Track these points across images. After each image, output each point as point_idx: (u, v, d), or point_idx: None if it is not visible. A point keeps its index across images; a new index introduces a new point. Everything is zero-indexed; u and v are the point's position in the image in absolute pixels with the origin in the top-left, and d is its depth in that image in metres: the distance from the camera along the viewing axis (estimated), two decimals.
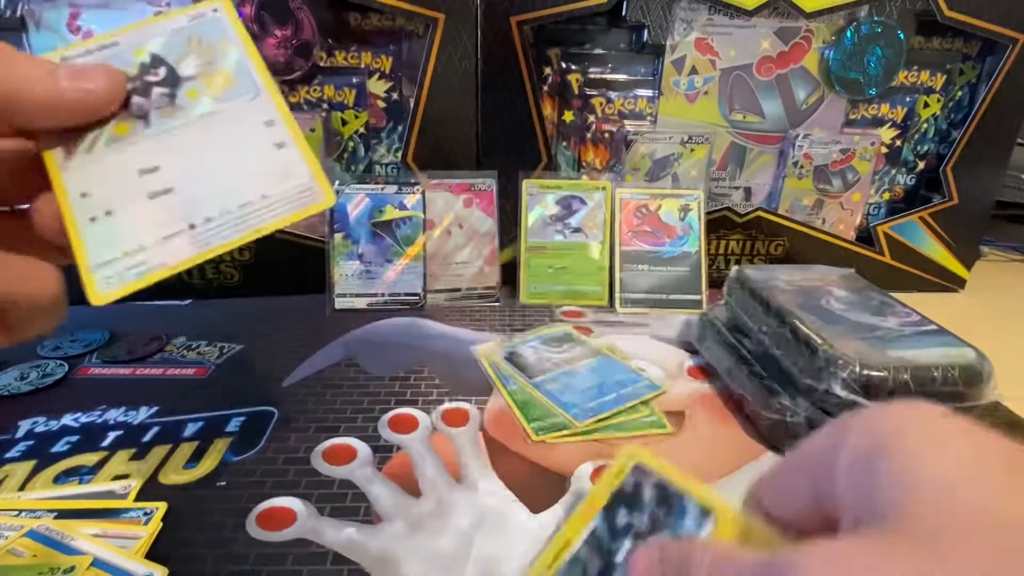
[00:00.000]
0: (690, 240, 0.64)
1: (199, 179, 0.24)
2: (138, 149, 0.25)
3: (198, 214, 0.24)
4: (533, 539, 0.33)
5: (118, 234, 0.24)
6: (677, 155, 0.65)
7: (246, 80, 0.26)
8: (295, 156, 0.25)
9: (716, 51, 0.63)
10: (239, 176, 0.25)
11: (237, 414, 0.43)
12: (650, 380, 0.47)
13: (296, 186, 0.25)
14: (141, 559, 0.31)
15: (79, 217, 0.24)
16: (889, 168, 0.71)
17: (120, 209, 0.24)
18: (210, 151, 0.25)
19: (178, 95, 0.25)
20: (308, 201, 0.25)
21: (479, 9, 0.58)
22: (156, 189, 0.24)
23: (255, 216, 0.24)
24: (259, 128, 0.25)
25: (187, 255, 0.24)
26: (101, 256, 0.24)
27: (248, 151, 0.25)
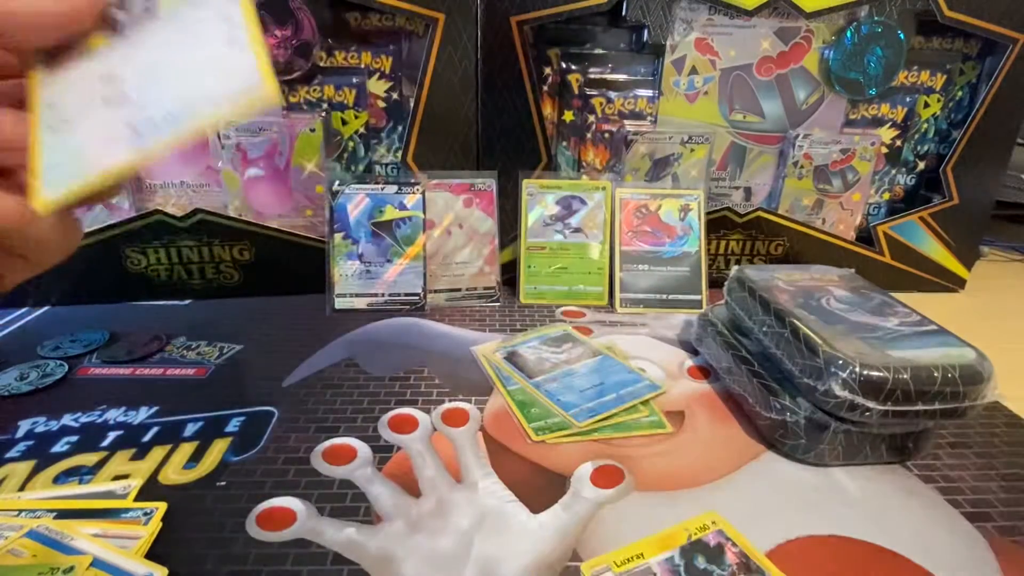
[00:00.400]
0: (690, 240, 0.64)
1: (151, 82, 0.24)
2: (106, 59, 0.24)
3: (142, 116, 0.24)
4: (533, 539, 0.33)
5: (70, 142, 0.24)
6: (677, 155, 0.65)
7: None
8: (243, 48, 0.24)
9: (716, 51, 0.63)
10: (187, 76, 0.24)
11: (237, 414, 0.43)
12: (650, 380, 0.47)
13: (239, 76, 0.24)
14: (141, 559, 0.31)
15: (42, 127, 0.24)
16: (889, 168, 0.71)
17: (78, 118, 0.24)
18: (166, 52, 0.24)
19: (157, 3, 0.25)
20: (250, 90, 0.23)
21: (479, 9, 0.58)
22: (111, 95, 0.24)
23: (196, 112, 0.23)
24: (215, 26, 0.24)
25: (125, 158, 0.23)
26: (50, 163, 0.24)
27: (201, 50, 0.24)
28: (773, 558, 0.32)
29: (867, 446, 0.39)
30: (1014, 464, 0.40)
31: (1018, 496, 0.37)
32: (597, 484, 0.37)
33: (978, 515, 0.36)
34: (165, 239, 0.60)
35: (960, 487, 0.38)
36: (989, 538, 0.34)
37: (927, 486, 0.38)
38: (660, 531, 0.33)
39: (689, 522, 0.34)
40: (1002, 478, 0.39)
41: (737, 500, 0.36)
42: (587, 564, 0.31)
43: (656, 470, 0.38)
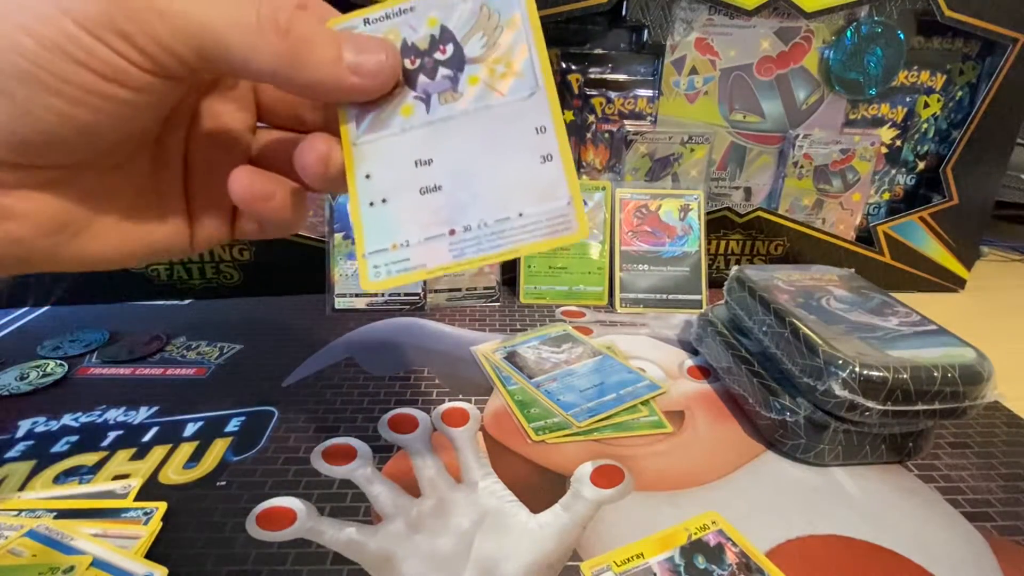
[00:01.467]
0: (690, 240, 0.64)
1: (465, 181, 0.23)
2: (417, 137, 0.24)
3: (459, 220, 0.23)
4: (533, 539, 0.33)
5: (390, 224, 0.24)
6: (677, 155, 0.65)
7: (528, 72, 0.23)
8: (559, 173, 0.23)
9: (716, 51, 0.63)
10: (502, 185, 0.23)
11: (237, 414, 0.43)
12: (650, 380, 0.47)
13: (554, 209, 0.23)
14: (141, 559, 0.31)
15: (361, 199, 0.24)
16: (889, 168, 0.71)
17: (394, 199, 0.24)
18: (479, 151, 0.23)
19: (460, 80, 0.24)
20: (562, 229, 0.23)
21: None
22: (427, 184, 0.24)
23: (510, 235, 0.23)
24: (529, 134, 0.23)
25: (444, 261, 0.23)
26: (374, 244, 0.24)
27: (515, 158, 0.23)
28: (773, 558, 0.32)
29: (867, 446, 0.39)
30: (1014, 464, 0.40)
31: (1018, 496, 0.37)
32: (597, 484, 0.37)
33: (978, 515, 0.36)
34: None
35: (960, 487, 0.38)
36: (989, 538, 0.34)
37: (927, 486, 0.38)
38: (660, 531, 0.33)
39: (689, 522, 0.34)
40: (1002, 478, 0.39)
41: (737, 500, 0.36)
42: (587, 564, 0.31)
43: (656, 470, 0.38)
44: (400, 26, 0.24)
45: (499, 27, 0.23)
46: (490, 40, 0.24)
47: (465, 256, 0.23)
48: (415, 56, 0.24)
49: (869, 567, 0.32)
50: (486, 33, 0.24)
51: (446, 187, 0.23)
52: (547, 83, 0.23)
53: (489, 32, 0.24)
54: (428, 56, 0.24)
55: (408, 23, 0.24)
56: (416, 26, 0.24)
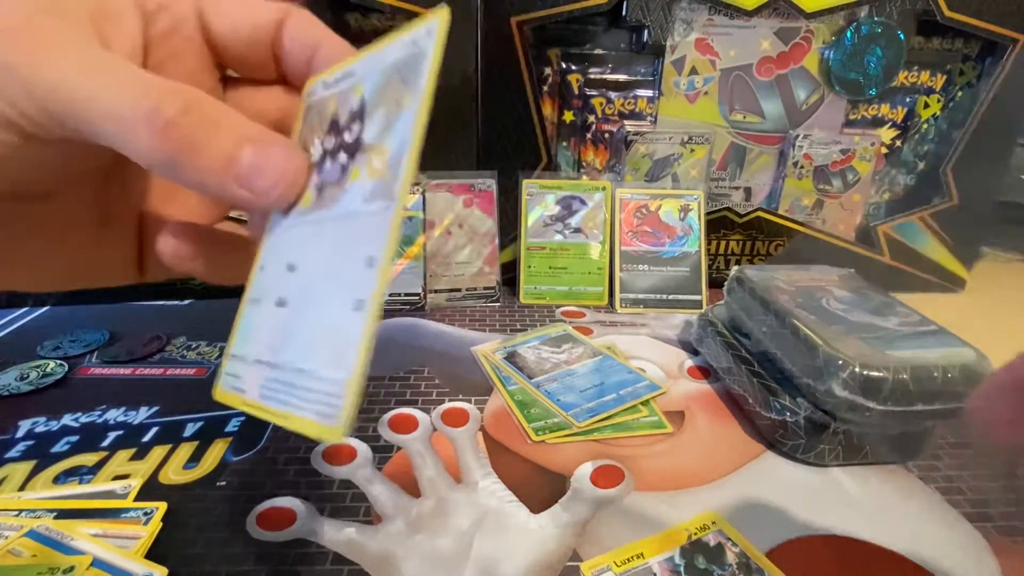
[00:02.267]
0: (690, 240, 0.64)
1: (304, 303, 0.19)
2: (296, 233, 0.20)
3: (280, 352, 0.19)
4: (533, 539, 0.33)
5: (249, 330, 0.21)
6: (677, 155, 0.65)
7: (393, 177, 0.18)
8: (357, 334, 0.17)
9: (716, 51, 0.63)
10: (318, 324, 0.19)
11: (237, 414, 0.43)
12: (650, 380, 0.47)
13: (331, 383, 0.17)
14: (141, 559, 0.31)
15: (248, 292, 0.21)
16: (889, 168, 0.71)
17: (263, 302, 0.21)
18: (320, 273, 0.19)
19: (347, 172, 0.19)
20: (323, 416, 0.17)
21: (479, 9, 0.58)
22: (283, 295, 0.20)
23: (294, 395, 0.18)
24: (359, 263, 0.18)
25: (253, 396, 0.19)
26: (235, 347, 0.21)
27: (338, 291, 0.18)
28: (773, 558, 0.32)
29: (867, 446, 0.39)
30: (1014, 464, 0.40)
31: (1018, 496, 0.37)
32: (597, 484, 0.37)
33: (978, 515, 0.36)
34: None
35: (960, 487, 0.38)
36: (989, 538, 0.34)
37: (927, 486, 0.38)
38: (660, 531, 0.33)
39: (689, 522, 0.34)
40: (1002, 478, 0.39)
41: (737, 500, 0.36)
42: (587, 564, 0.31)
43: (656, 470, 0.38)
44: (339, 95, 0.20)
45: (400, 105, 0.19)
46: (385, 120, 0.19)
47: (265, 399, 0.19)
48: (334, 134, 0.20)
49: (869, 567, 0.32)
50: (387, 111, 0.19)
51: (290, 305, 0.20)
52: (400, 197, 0.17)
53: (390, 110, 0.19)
54: (340, 136, 0.20)
55: (344, 91, 0.20)
56: (348, 96, 0.20)
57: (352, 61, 0.20)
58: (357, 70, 0.20)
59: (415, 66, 0.18)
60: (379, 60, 0.19)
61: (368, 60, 0.20)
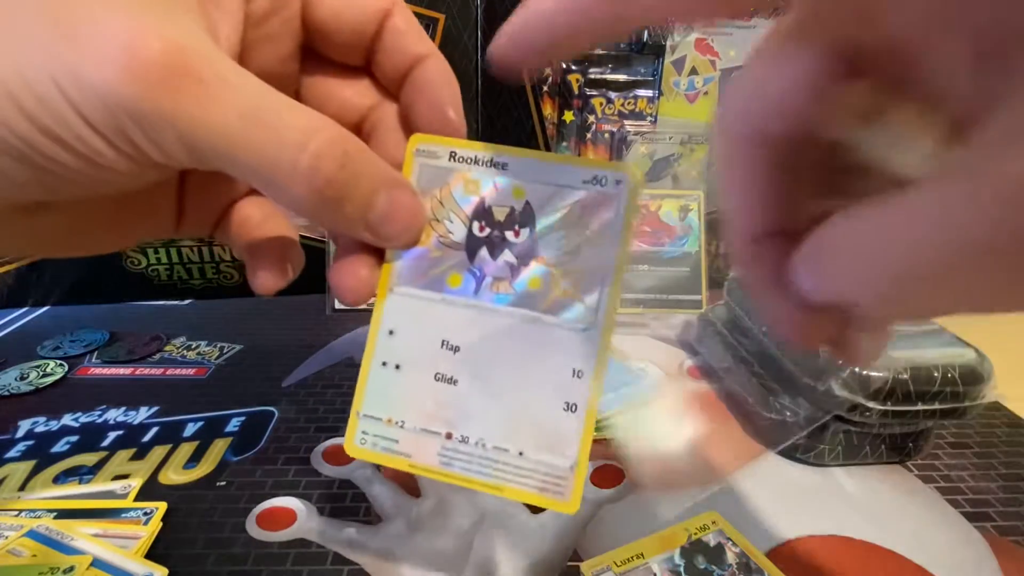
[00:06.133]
0: (690, 240, 0.64)
1: (482, 388, 0.21)
2: (454, 314, 0.21)
3: (461, 427, 0.21)
4: (533, 539, 0.33)
5: (393, 395, 0.21)
6: (677, 155, 0.65)
7: (590, 301, 0.20)
8: (576, 431, 0.20)
9: (716, 51, 0.63)
10: (514, 413, 0.21)
11: (237, 414, 0.43)
12: (650, 380, 0.47)
13: (554, 467, 0.20)
14: (141, 559, 0.31)
15: (377, 353, 0.22)
16: None
17: (408, 370, 0.21)
18: (507, 364, 0.21)
19: (520, 276, 0.21)
20: (552, 493, 0.20)
21: (479, 9, 0.58)
22: (445, 372, 0.21)
23: (501, 469, 0.21)
24: (564, 372, 0.20)
25: (428, 463, 0.21)
26: (371, 408, 0.22)
27: (538, 391, 0.21)
28: (773, 558, 0.32)
29: (867, 446, 0.39)
30: (1014, 464, 0.40)
31: (1018, 496, 0.37)
32: (597, 484, 0.37)
33: (978, 515, 0.36)
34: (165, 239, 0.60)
35: (960, 487, 0.38)
36: (989, 538, 0.34)
37: (927, 486, 0.38)
38: (660, 531, 0.33)
39: (689, 522, 0.34)
40: (1002, 478, 0.39)
41: (737, 500, 0.36)
42: (587, 564, 0.31)
43: (656, 470, 0.38)
44: (483, 181, 0.21)
45: (585, 238, 0.20)
46: (569, 247, 0.20)
47: (451, 468, 0.21)
48: (486, 224, 0.21)
49: (869, 567, 0.32)
50: (568, 237, 0.20)
51: (462, 384, 0.21)
52: (607, 324, 0.20)
53: (572, 237, 0.20)
54: (499, 230, 0.21)
55: (494, 181, 0.21)
56: (500, 189, 0.21)
57: (502, 151, 0.21)
58: (512, 166, 0.21)
59: (603, 206, 0.20)
60: (546, 173, 0.20)
61: (529, 163, 0.21)
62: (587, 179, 0.20)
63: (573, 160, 0.21)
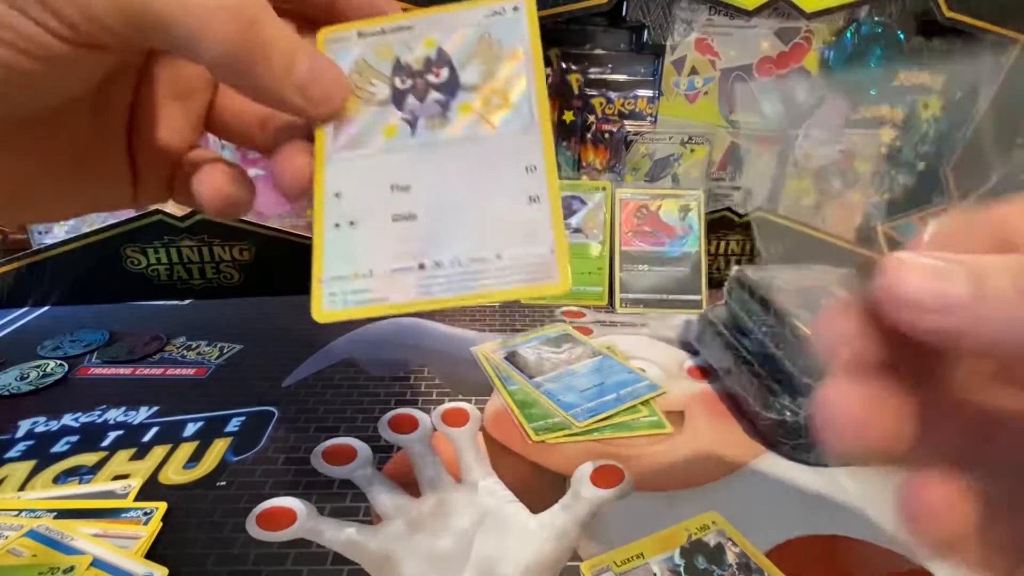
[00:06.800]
0: (690, 240, 0.64)
1: (442, 213, 0.22)
2: (397, 160, 0.22)
3: (431, 254, 0.21)
4: (533, 539, 0.33)
5: (354, 250, 0.22)
6: (677, 155, 0.65)
7: (523, 106, 0.22)
8: (545, 217, 0.21)
9: (716, 51, 0.63)
10: (481, 223, 0.22)
11: (237, 414, 0.43)
12: (650, 380, 0.47)
13: (535, 255, 0.21)
14: (141, 559, 0.31)
15: (327, 219, 0.22)
16: (889, 168, 0.71)
17: (364, 223, 0.22)
18: (461, 184, 0.22)
19: (451, 107, 0.22)
20: (541, 278, 0.21)
21: None
22: (401, 211, 0.22)
23: (484, 277, 0.21)
24: (518, 172, 0.22)
25: (408, 298, 0.21)
26: (334, 270, 0.22)
27: (499, 196, 0.22)
28: (773, 558, 0.32)
29: None
30: None
31: None
32: (597, 484, 0.37)
33: None
34: (165, 239, 0.60)
35: None
36: None
37: None
38: (660, 531, 0.33)
39: (689, 522, 0.34)
40: None
41: (737, 500, 0.36)
42: (587, 564, 0.31)
43: (656, 470, 0.38)
44: (395, 44, 0.23)
45: (499, 58, 0.22)
46: (488, 69, 0.22)
47: (432, 295, 0.21)
48: (406, 76, 0.23)
49: (869, 567, 0.32)
50: (485, 62, 0.22)
51: (421, 217, 0.22)
52: (543, 120, 0.22)
53: (488, 61, 0.22)
54: (420, 77, 0.23)
55: (404, 41, 0.23)
56: (412, 45, 0.23)
57: (400, 18, 0.23)
58: (415, 25, 0.23)
59: (508, 29, 0.23)
60: (446, 20, 0.23)
61: (428, 19, 0.23)
62: (487, 14, 0.23)
63: (470, 3, 0.23)
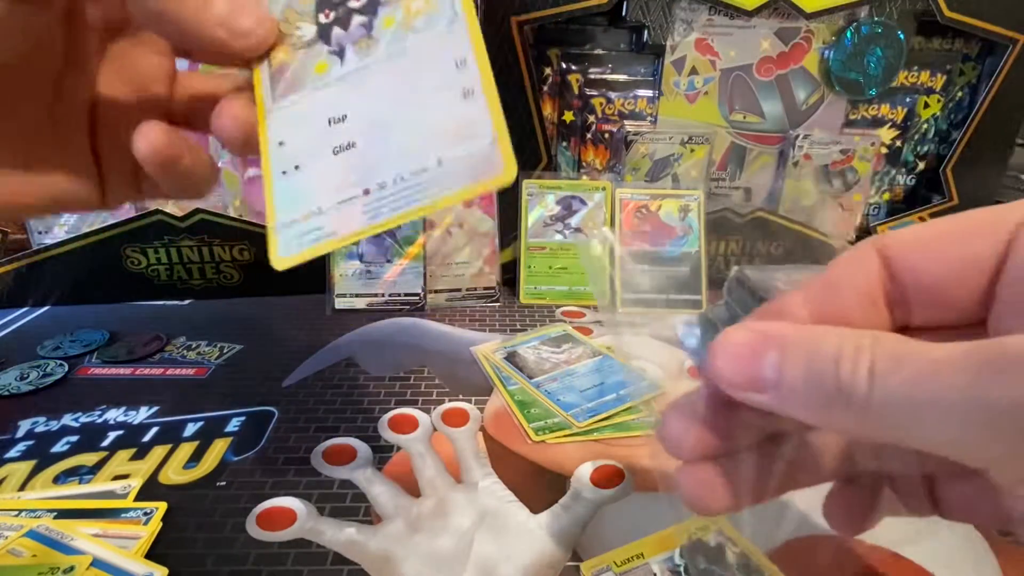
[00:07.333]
0: (690, 240, 0.64)
1: (381, 134, 0.21)
2: (330, 93, 0.22)
3: (374, 177, 0.21)
4: (533, 539, 0.33)
5: (302, 192, 0.22)
6: (677, 155, 0.65)
7: (444, 2, 0.21)
8: (481, 109, 0.20)
9: (716, 51, 0.63)
10: (419, 133, 0.21)
11: (237, 414, 0.43)
12: (650, 380, 0.47)
13: (476, 150, 0.20)
14: (141, 559, 0.31)
15: (274, 168, 0.22)
16: (889, 168, 0.71)
17: (307, 164, 0.22)
18: (395, 98, 0.21)
19: (375, 24, 0.22)
20: (485, 172, 0.20)
21: (479, 9, 0.58)
22: (340, 143, 0.22)
23: (428, 187, 0.20)
24: (448, 69, 0.20)
25: (358, 226, 0.21)
26: (286, 215, 0.22)
27: (432, 100, 0.21)
28: (773, 558, 0.32)
29: None
30: None
31: None
32: (597, 484, 0.37)
33: None
34: (165, 239, 0.60)
35: None
36: (989, 538, 0.34)
37: None
38: (660, 531, 0.33)
39: (689, 522, 0.34)
40: None
41: None
42: (587, 564, 0.31)
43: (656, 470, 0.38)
44: None
45: None
46: None
47: (381, 217, 0.21)
48: (329, 8, 0.22)
49: (869, 567, 0.32)
50: None
51: (360, 143, 0.21)
52: (466, 11, 0.21)
53: None
54: (342, 6, 0.22)
55: None
56: None
57: None
58: None
59: None
60: None
61: None
62: None
63: None
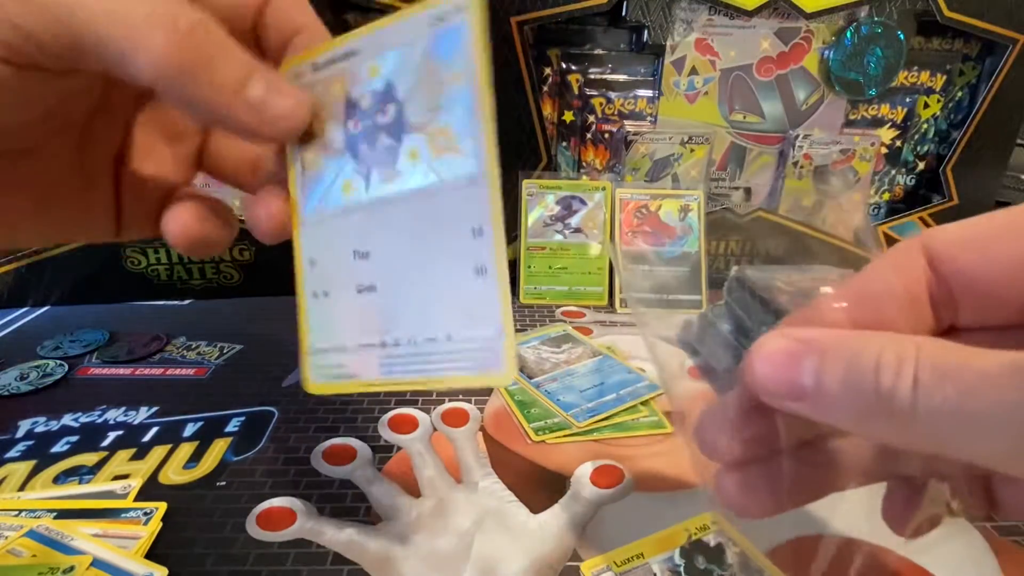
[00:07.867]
0: (690, 240, 0.64)
1: (397, 284, 0.20)
2: (355, 222, 0.20)
3: (390, 332, 0.20)
4: (533, 539, 0.33)
5: (330, 322, 0.21)
6: (677, 155, 0.65)
7: (468, 149, 0.18)
8: (492, 294, 0.19)
9: (716, 51, 0.63)
10: (431, 297, 0.19)
11: (237, 414, 0.43)
12: (650, 380, 0.47)
13: (482, 338, 0.19)
14: (141, 559, 0.31)
15: (307, 288, 0.22)
16: (889, 168, 0.71)
17: (334, 293, 0.21)
18: (411, 248, 0.20)
19: (399, 154, 0.19)
20: (488, 366, 0.19)
21: None
22: (363, 282, 0.21)
23: (436, 360, 0.20)
24: (464, 235, 0.18)
25: (373, 376, 0.21)
26: (317, 341, 0.22)
27: (446, 265, 0.19)
28: (773, 558, 0.32)
29: None
30: None
31: None
32: (597, 484, 0.37)
33: None
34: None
35: None
36: (989, 538, 0.34)
37: None
38: (660, 531, 0.33)
39: (689, 522, 0.34)
40: None
41: None
42: (587, 564, 0.31)
43: (656, 470, 0.38)
44: (345, 75, 0.20)
45: (443, 82, 0.18)
46: (432, 101, 0.19)
47: (394, 375, 0.20)
48: (358, 118, 0.20)
49: (869, 567, 0.32)
50: (428, 92, 0.19)
51: (380, 288, 0.20)
52: (490, 165, 0.18)
53: (432, 89, 0.19)
54: (370, 119, 0.20)
55: (353, 71, 0.20)
56: (360, 75, 0.20)
57: (349, 39, 0.20)
58: (362, 48, 0.20)
59: (451, 42, 0.18)
60: (391, 38, 0.19)
61: (374, 38, 0.20)
62: (430, 22, 0.18)
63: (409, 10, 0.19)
